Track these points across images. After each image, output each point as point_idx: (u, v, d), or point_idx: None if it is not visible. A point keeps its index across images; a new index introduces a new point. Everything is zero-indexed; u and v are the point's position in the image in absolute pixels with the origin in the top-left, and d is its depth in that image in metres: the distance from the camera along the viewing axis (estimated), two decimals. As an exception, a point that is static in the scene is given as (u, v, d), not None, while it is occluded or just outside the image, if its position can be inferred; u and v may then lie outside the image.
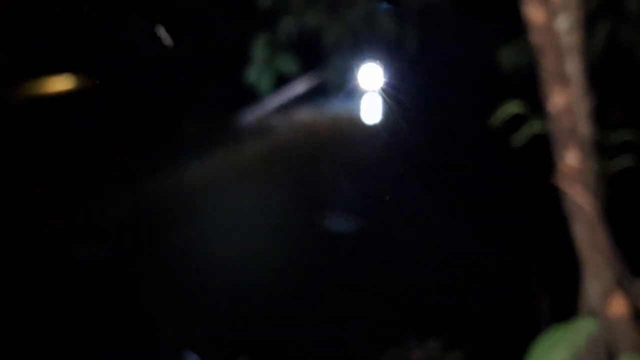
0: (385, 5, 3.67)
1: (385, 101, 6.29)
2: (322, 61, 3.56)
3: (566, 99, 1.67)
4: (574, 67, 1.74)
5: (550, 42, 1.62)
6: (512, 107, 1.91)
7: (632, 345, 1.91)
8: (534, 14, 1.62)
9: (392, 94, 6.69)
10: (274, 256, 4.61)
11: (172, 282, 4.44)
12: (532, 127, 1.85)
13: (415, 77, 7.14)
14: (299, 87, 7.35)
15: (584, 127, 1.80)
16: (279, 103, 7.57)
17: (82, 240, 5.02)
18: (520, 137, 1.92)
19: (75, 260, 4.78)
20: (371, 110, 6.46)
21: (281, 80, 3.38)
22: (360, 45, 3.54)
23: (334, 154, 6.48)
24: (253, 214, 5.29)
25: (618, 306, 1.85)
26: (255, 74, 3.34)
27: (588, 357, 1.97)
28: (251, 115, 7.75)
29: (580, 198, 1.69)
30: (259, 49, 3.37)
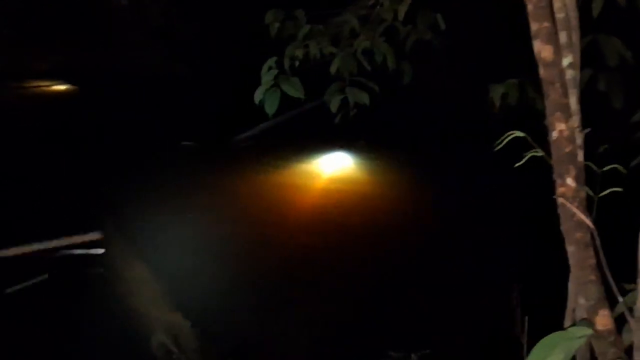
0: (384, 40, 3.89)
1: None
2: (326, 87, 3.75)
3: (568, 128, 1.88)
4: (574, 100, 1.96)
5: (557, 76, 1.82)
6: (515, 133, 2.10)
7: (615, 356, 2.08)
8: (544, 52, 1.82)
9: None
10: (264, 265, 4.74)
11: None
12: (535, 153, 2.04)
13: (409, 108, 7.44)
14: (304, 109, 7.58)
15: (580, 154, 2.01)
16: (282, 123, 7.79)
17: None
18: (522, 160, 2.11)
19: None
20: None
21: (287, 102, 3.53)
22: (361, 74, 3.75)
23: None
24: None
25: (604, 320, 2.03)
26: (262, 95, 3.51)
27: (581, 356, 2.14)
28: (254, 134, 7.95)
29: (578, 217, 1.88)
30: (266, 73, 3.55)
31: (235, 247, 5.35)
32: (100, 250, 5.29)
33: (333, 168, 7.13)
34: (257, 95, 3.54)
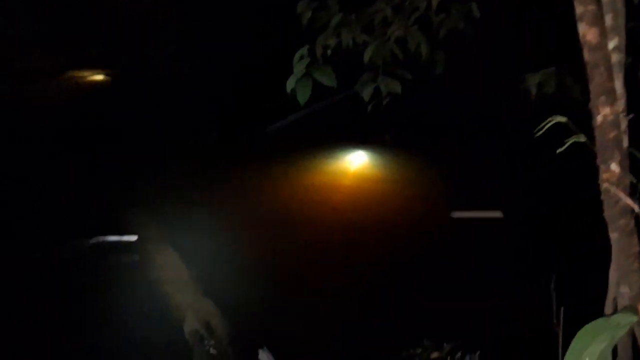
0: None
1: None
2: (358, 77, 3.72)
3: (613, 112, 1.84)
4: (619, 84, 1.92)
5: (602, 60, 1.79)
6: (558, 119, 2.07)
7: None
8: (589, 34, 1.79)
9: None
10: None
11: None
12: (577, 138, 2.00)
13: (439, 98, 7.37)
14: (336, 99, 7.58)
15: (625, 140, 1.97)
16: (310, 115, 7.79)
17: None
18: (564, 146, 2.07)
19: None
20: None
21: (319, 92, 3.51)
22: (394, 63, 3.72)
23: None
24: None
25: (647, 309, 1.99)
26: (294, 83, 3.50)
27: (622, 349, 2.11)
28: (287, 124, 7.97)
29: (622, 203, 1.85)
30: (298, 61, 3.55)
31: (262, 239, 5.37)
32: (134, 238, 5.37)
33: (357, 164, 7.08)
34: (289, 84, 3.54)
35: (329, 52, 3.78)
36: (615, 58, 1.88)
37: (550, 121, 2.07)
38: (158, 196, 6.09)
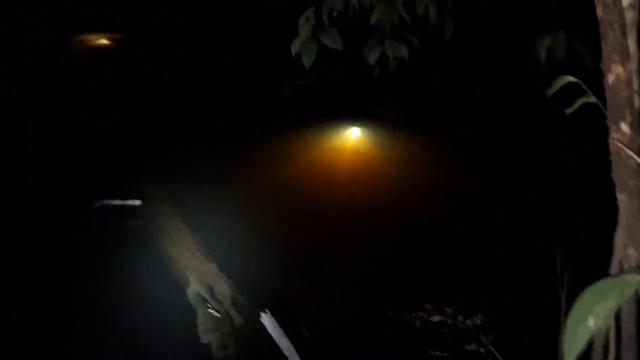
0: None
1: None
2: (365, 40, 3.67)
3: (626, 71, 1.80)
4: (633, 42, 1.88)
5: (615, 17, 1.75)
6: (568, 78, 2.03)
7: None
8: (603, -10, 1.74)
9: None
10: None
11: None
12: (587, 99, 1.97)
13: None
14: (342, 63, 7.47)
15: (637, 100, 1.94)
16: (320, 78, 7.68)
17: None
18: (574, 107, 2.04)
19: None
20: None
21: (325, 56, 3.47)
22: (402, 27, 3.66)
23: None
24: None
25: (655, 271, 1.97)
26: (300, 46, 3.46)
27: (627, 314, 2.10)
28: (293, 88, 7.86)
29: (632, 163, 1.82)
30: (303, 24, 3.50)
31: (270, 203, 5.38)
32: (138, 202, 5.38)
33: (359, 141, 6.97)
34: (294, 47, 3.49)
35: (335, 14, 3.72)
36: (630, 16, 1.84)
37: (560, 81, 2.04)
38: (163, 162, 6.07)
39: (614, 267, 2.16)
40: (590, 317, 1.62)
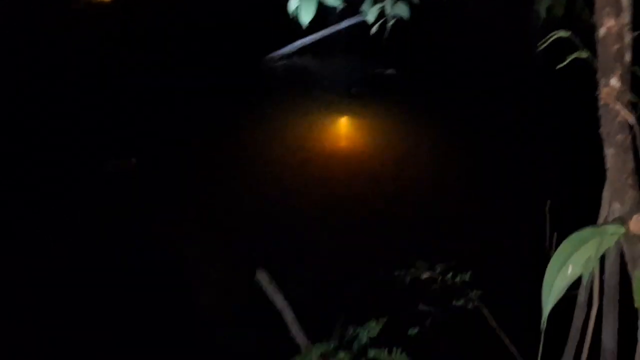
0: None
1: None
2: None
3: (618, 24, 1.80)
4: (626, -4, 1.87)
5: (610, -32, 1.74)
6: (560, 33, 2.03)
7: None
8: (597, -59, 1.73)
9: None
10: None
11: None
12: (579, 54, 1.96)
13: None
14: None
15: (628, 54, 1.94)
16: (317, 38, 7.60)
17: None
18: (565, 61, 2.04)
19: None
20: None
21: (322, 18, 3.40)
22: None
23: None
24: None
25: (638, 225, 2.00)
26: (297, 4, 3.40)
27: (610, 265, 2.14)
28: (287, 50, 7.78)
29: (620, 118, 1.83)
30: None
31: (264, 168, 5.37)
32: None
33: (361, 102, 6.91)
34: (291, 4, 3.44)
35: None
36: (624, -32, 1.83)
37: (553, 35, 2.03)
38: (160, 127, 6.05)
39: (600, 222, 2.18)
40: (569, 264, 1.65)
